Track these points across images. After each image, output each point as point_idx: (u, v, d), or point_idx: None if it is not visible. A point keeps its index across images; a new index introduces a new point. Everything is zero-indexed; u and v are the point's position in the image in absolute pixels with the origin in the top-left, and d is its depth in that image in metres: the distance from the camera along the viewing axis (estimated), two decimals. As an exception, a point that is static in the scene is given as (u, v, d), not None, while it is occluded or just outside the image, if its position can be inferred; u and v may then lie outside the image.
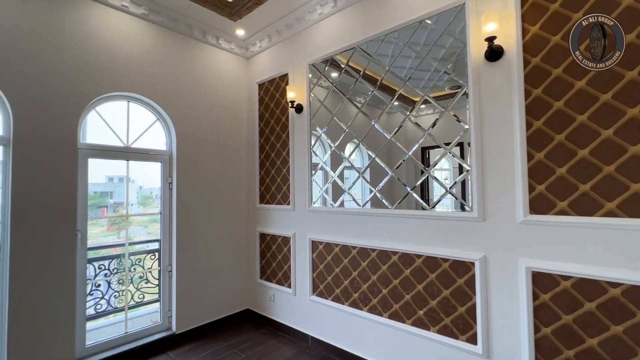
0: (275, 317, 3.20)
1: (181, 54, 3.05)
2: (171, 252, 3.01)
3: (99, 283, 2.93)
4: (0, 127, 2.23)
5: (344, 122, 2.69)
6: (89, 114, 2.59)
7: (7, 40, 2.15)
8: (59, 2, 2.36)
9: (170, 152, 3.05)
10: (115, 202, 12.12)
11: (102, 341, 2.62)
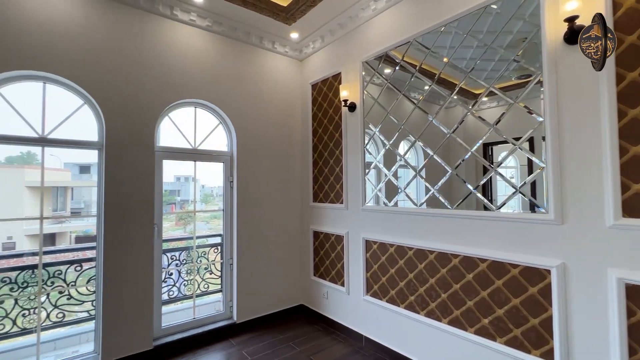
0: (329, 314, 3.24)
1: (240, 60, 3.25)
2: (232, 246, 3.22)
3: (171, 272, 3.25)
4: (96, 134, 2.60)
5: (398, 120, 2.62)
6: (163, 119, 2.89)
7: (99, 57, 2.49)
8: (140, 21, 2.68)
9: (231, 152, 3.27)
10: (182, 199, 13.34)
11: (174, 324, 2.91)
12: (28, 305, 2.62)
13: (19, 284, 2.62)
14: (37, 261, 2.49)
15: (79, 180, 11.22)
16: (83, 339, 2.98)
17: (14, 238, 8.40)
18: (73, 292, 2.79)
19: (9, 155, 9.46)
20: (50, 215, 8.21)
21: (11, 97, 2.30)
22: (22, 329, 2.59)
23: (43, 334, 2.52)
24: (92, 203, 10.39)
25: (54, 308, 2.71)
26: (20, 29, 2.20)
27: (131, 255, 2.58)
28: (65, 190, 10.52)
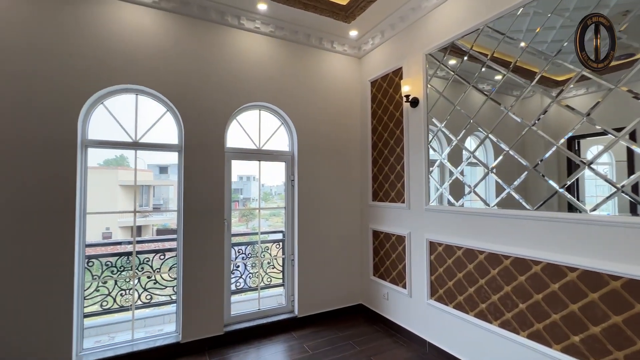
0: (389, 315, 3.16)
1: (300, 62, 3.34)
2: (293, 242, 3.34)
3: (238, 264, 3.49)
4: (176, 138, 2.90)
5: (464, 114, 2.43)
6: (232, 122, 3.11)
7: (179, 68, 2.78)
8: (212, 32, 2.91)
9: (292, 152, 3.38)
10: (245, 197, 14.19)
11: (242, 313, 3.12)
12: (124, 286, 3.05)
13: (117, 268, 3.06)
14: (130, 249, 2.88)
15: (159, 180, 12.70)
16: (166, 320, 3.36)
17: (110, 229, 9.82)
18: (158, 277, 3.17)
19: (107, 158, 11.10)
20: (138, 209, 9.43)
21: (112, 108, 2.69)
22: (120, 306, 3.02)
23: (136, 312, 2.90)
24: (170, 200, 11.68)
25: (143, 290, 3.11)
26: (122, 49, 2.56)
27: (205, 247, 2.83)
28: (149, 189, 12.00)
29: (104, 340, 2.79)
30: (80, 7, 2.45)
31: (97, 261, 2.95)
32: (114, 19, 2.55)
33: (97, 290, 2.93)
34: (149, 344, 2.66)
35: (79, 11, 2.44)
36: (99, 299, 2.92)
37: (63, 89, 2.38)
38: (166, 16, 2.74)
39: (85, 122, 2.55)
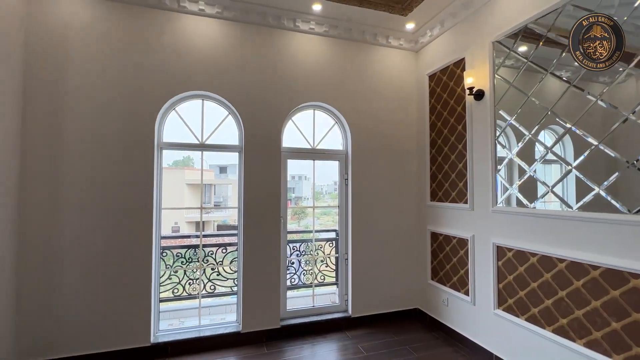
0: (449, 323, 2.97)
1: (354, 60, 3.31)
2: (347, 242, 3.32)
3: (293, 261, 3.58)
4: (237, 139, 3.08)
5: (540, 105, 2.17)
6: (287, 123, 3.19)
7: (239, 74, 2.94)
8: (269, 37, 3.03)
9: (346, 151, 3.37)
10: (296, 196, 14.52)
11: (297, 309, 3.19)
12: (192, 276, 3.33)
13: (186, 259, 3.35)
14: (195, 242, 3.12)
15: (219, 179, 13.67)
16: (227, 310, 3.59)
17: (178, 223, 10.82)
18: (220, 269, 3.39)
19: (176, 159, 12.25)
20: (201, 206, 10.28)
21: (182, 113, 2.95)
22: (188, 294, 3.30)
23: (202, 300, 3.15)
24: (229, 197, 12.50)
25: (208, 281, 3.36)
26: (191, 58, 2.79)
27: (263, 242, 2.96)
28: (211, 187, 12.98)
29: (175, 324, 3.08)
30: (160, 23, 2.72)
31: (170, 252, 3.26)
32: (184, 31, 2.79)
33: (170, 278, 3.24)
34: (212, 330, 2.86)
35: (159, 26, 2.72)
36: (171, 287, 3.22)
37: (143, 96, 2.67)
38: (228, 25, 2.92)
39: (160, 126, 2.83)
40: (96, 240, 2.54)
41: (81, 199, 2.51)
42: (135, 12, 2.67)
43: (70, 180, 2.50)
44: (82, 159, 2.52)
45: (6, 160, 2.25)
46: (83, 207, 2.52)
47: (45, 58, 2.46)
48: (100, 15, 2.59)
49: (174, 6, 2.74)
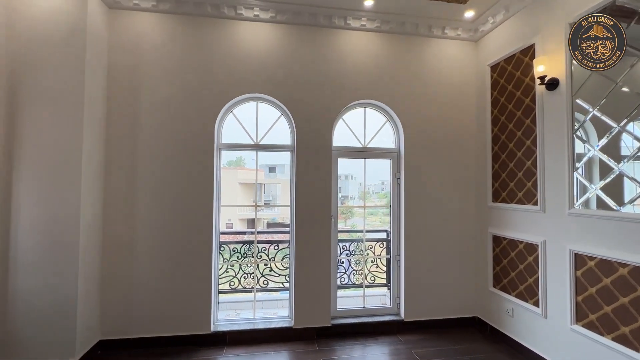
0: (514, 335, 2.72)
1: (407, 54, 3.18)
2: (399, 243, 3.21)
3: (342, 260, 3.56)
4: (289, 139, 3.15)
5: (629, 93, 1.87)
6: (338, 122, 3.19)
7: (291, 75, 3.00)
8: (320, 37, 3.05)
9: (398, 149, 3.26)
10: (343, 195, 14.48)
11: (347, 308, 3.17)
12: (247, 270, 3.49)
13: (241, 254, 3.52)
14: (247, 238, 3.26)
15: (268, 178, 14.22)
16: (279, 305, 3.70)
17: (231, 220, 11.47)
18: (273, 265, 3.51)
19: (230, 159, 13.01)
20: (252, 204, 10.79)
21: (238, 115, 3.10)
22: (243, 288, 3.47)
23: (256, 294, 3.28)
24: (277, 196, 12.94)
25: (261, 276, 3.49)
26: (247, 62, 2.93)
27: (314, 241, 2.99)
28: (261, 186, 13.55)
29: (232, 315, 3.25)
30: (218, 31, 2.90)
31: (226, 247, 3.46)
32: (240, 37, 2.93)
33: (227, 271, 3.43)
34: (266, 324, 2.97)
35: (217, 34, 2.89)
36: (227, 280, 3.41)
37: (205, 100, 2.86)
38: (281, 28, 3.00)
39: (219, 129, 3.01)
40: (163, 236, 2.78)
41: (151, 198, 2.78)
42: (196, 23, 2.87)
43: (143, 181, 2.77)
44: (152, 161, 2.78)
45: (95, 160, 2.57)
46: (152, 205, 2.78)
47: (122, 67, 2.77)
48: (167, 27, 2.83)
49: (232, 14, 2.89)
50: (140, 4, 2.75)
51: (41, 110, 2.36)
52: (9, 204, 2.31)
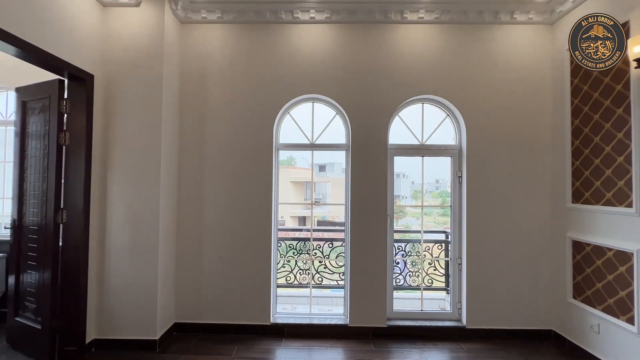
0: (601, 355, 2.40)
1: (469, 45, 2.98)
2: (461, 245, 3.04)
3: (397, 261, 3.47)
4: (343, 137, 3.16)
5: None
6: (394, 119, 3.11)
7: (346, 73, 3.00)
8: (374, 33, 3.00)
9: (460, 146, 3.07)
10: (395, 194, 13.82)
11: (403, 310, 3.09)
12: (302, 267, 3.59)
13: (297, 250, 3.63)
14: (299, 235, 3.35)
15: (318, 177, 14.45)
16: (334, 302, 3.76)
17: (283, 217, 11.90)
18: (327, 263, 3.56)
19: (281, 159, 13.52)
20: (304, 202, 11.05)
21: (294, 116, 3.20)
22: (299, 283, 3.58)
23: (309, 290, 3.36)
24: (327, 195, 13.08)
25: (316, 273, 3.57)
26: (303, 64, 3.01)
27: (370, 240, 2.96)
28: (311, 185, 13.82)
29: (288, 308, 3.37)
30: (276, 35, 3.02)
31: (283, 243, 3.59)
32: (297, 39, 3.02)
33: (283, 266, 3.57)
34: (321, 320, 3.03)
35: (274, 38, 3.02)
36: (284, 275, 3.55)
37: (264, 102, 3.01)
38: (336, 28, 3.02)
39: (277, 129, 3.13)
40: (227, 231, 2.99)
41: (216, 196, 3.00)
42: (256, 30, 3.02)
43: (209, 181, 3.01)
44: (218, 162, 3.01)
45: (170, 163, 2.86)
46: (218, 203, 3.00)
47: (192, 76, 3.03)
48: (230, 37, 3.03)
49: (289, 18, 2.98)
50: (207, 17, 2.99)
51: (128, 118, 2.69)
52: (105, 202, 2.68)
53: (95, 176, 2.63)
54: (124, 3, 2.68)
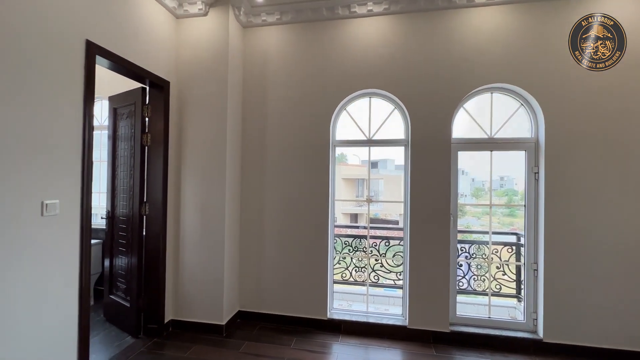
0: None
1: (548, 23, 2.64)
2: (537, 249, 2.73)
3: (461, 263, 3.26)
4: (402, 132, 3.04)
5: None
6: (458, 111, 2.90)
7: (404, 66, 2.87)
8: (431, 22, 2.82)
9: (536, 139, 2.76)
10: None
11: (468, 316, 2.89)
12: (358, 264, 3.56)
13: (352, 247, 3.61)
14: (352, 232, 3.31)
15: (370, 174, 14.22)
16: (390, 302, 3.66)
17: (335, 214, 11.94)
18: (383, 261, 3.48)
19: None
20: (357, 199, 10.97)
21: (350, 111, 3.17)
22: (355, 280, 3.56)
23: (364, 288, 3.32)
24: (379, 192, 12.80)
25: (372, 271, 3.51)
26: (359, 59, 2.96)
27: (431, 240, 2.82)
28: (363, 182, 13.66)
29: (344, 305, 3.37)
30: (331, 31, 3.02)
31: (338, 239, 3.60)
32: (353, 34, 2.98)
33: (339, 263, 3.58)
34: (377, 319, 2.97)
35: (330, 35, 3.02)
36: (339, 271, 3.56)
37: (321, 100, 3.03)
38: (394, 18, 2.90)
39: (334, 126, 3.13)
40: (287, 225, 3.09)
41: (276, 191, 3.12)
42: (313, 28, 3.05)
43: (269, 176, 3.13)
44: (277, 158, 3.12)
45: (234, 158, 3.05)
46: (277, 198, 3.11)
47: (253, 77, 3.18)
48: (288, 37, 3.10)
49: (345, 13, 2.95)
50: (267, 19, 3.10)
51: (197, 119, 2.92)
52: (179, 196, 2.96)
53: (172, 173, 2.91)
54: (193, 14, 2.90)
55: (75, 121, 1.98)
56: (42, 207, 1.79)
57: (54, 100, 1.85)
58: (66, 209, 1.93)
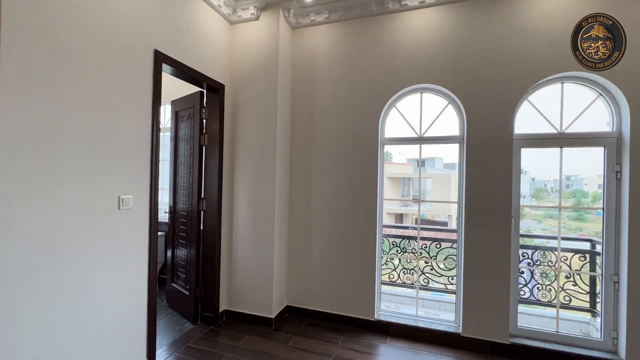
0: None
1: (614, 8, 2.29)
2: (619, 259, 2.40)
3: (522, 270, 2.98)
4: (456, 129, 2.87)
5: None
6: (522, 104, 2.66)
7: (459, 59, 2.70)
8: (487, 10, 2.61)
9: (619, 133, 2.42)
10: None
11: (532, 328, 2.64)
12: (406, 266, 3.45)
13: (401, 248, 3.50)
14: (396, 232, 3.19)
15: (416, 172, 13.69)
16: (441, 306, 3.49)
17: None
18: (434, 264, 3.32)
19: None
20: (402, 198, 10.65)
21: (400, 108, 3.06)
22: (402, 282, 3.45)
23: (415, 291, 3.19)
24: (427, 192, 12.28)
25: (421, 274, 3.37)
26: (410, 54, 2.85)
27: (488, 243, 2.62)
28: (409, 181, 13.22)
29: (391, 307, 3.29)
30: (380, 26, 2.94)
31: (385, 240, 3.51)
32: (403, 28, 2.87)
33: (386, 264, 3.49)
34: (427, 324, 2.85)
35: (380, 29, 2.94)
36: (387, 272, 3.47)
37: (370, 97, 2.98)
38: (447, 9, 2.74)
39: (382, 124, 3.06)
40: (335, 223, 3.09)
41: (323, 189, 3.13)
42: (361, 25, 3.00)
43: (317, 174, 3.16)
44: (324, 156, 3.13)
45: (283, 156, 3.12)
46: (325, 197, 3.13)
47: (302, 76, 3.22)
48: (336, 35, 3.09)
49: (396, 7, 2.86)
50: (315, 19, 3.12)
51: (249, 120, 3.05)
52: (232, 194, 3.11)
53: (226, 171, 3.08)
54: (246, 19, 3.03)
55: (145, 124, 2.18)
56: (119, 201, 2.00)
57: (127, 105, 2.05)
58: (137, 204, 2.14)
